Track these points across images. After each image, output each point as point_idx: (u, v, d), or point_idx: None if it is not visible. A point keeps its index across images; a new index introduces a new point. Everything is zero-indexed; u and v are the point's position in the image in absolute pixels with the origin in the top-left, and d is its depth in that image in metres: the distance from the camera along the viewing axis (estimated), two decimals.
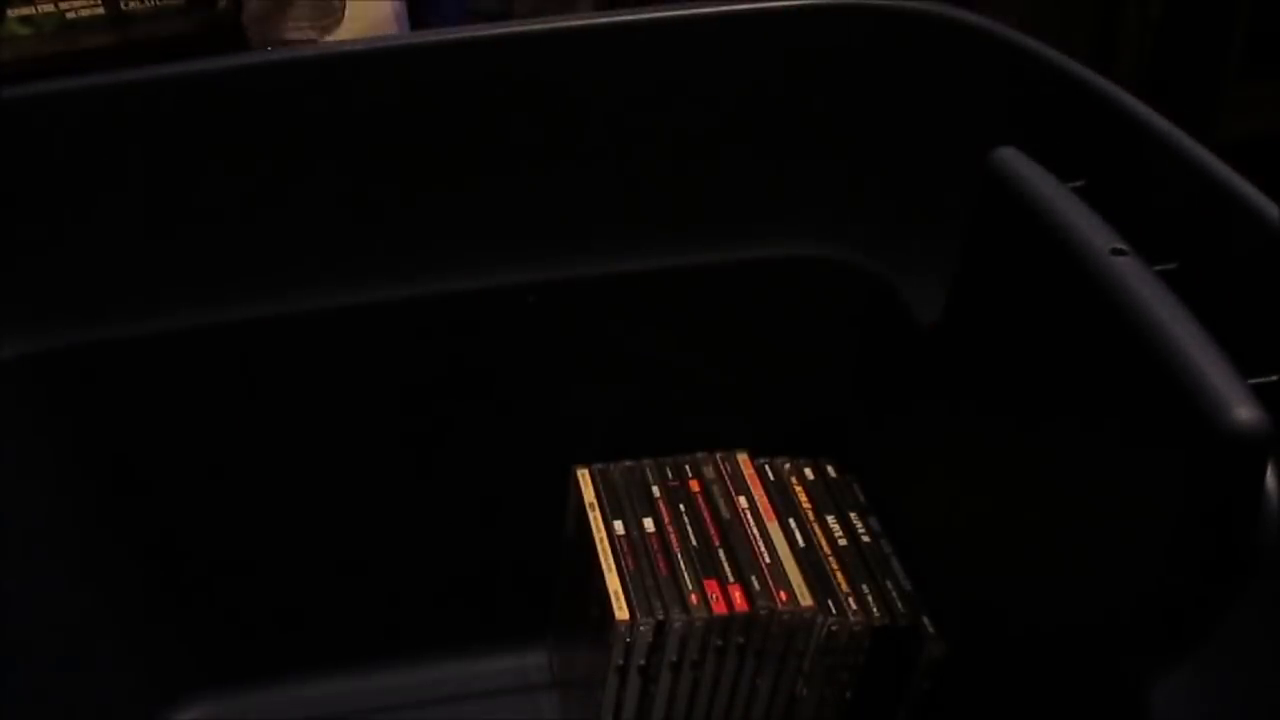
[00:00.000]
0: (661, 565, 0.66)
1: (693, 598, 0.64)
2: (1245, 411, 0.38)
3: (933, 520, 0.64)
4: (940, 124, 0.63)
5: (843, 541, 0.68)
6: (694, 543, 0.68)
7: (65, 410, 0.67)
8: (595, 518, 0.70)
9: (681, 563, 0.67)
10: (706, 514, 0.70)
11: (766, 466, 0.73)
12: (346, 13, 0.91)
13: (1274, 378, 0.40)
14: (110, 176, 0.61)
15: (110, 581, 0.71)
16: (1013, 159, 0.53)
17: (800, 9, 0.64)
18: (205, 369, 0.67)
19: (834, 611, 0.63)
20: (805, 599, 0.64)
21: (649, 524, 0.69)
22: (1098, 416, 0.45)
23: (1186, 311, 0.42)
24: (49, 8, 0.86)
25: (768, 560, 0.67)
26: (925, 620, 0.63)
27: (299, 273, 0.66)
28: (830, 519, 0.70)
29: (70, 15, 0.87)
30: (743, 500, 0.71)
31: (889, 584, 0.65)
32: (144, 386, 0.67)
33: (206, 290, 0.65)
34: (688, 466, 0.74)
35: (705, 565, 0.66)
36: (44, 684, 0.67)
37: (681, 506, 0.71)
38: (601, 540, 0.68)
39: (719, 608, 0.64)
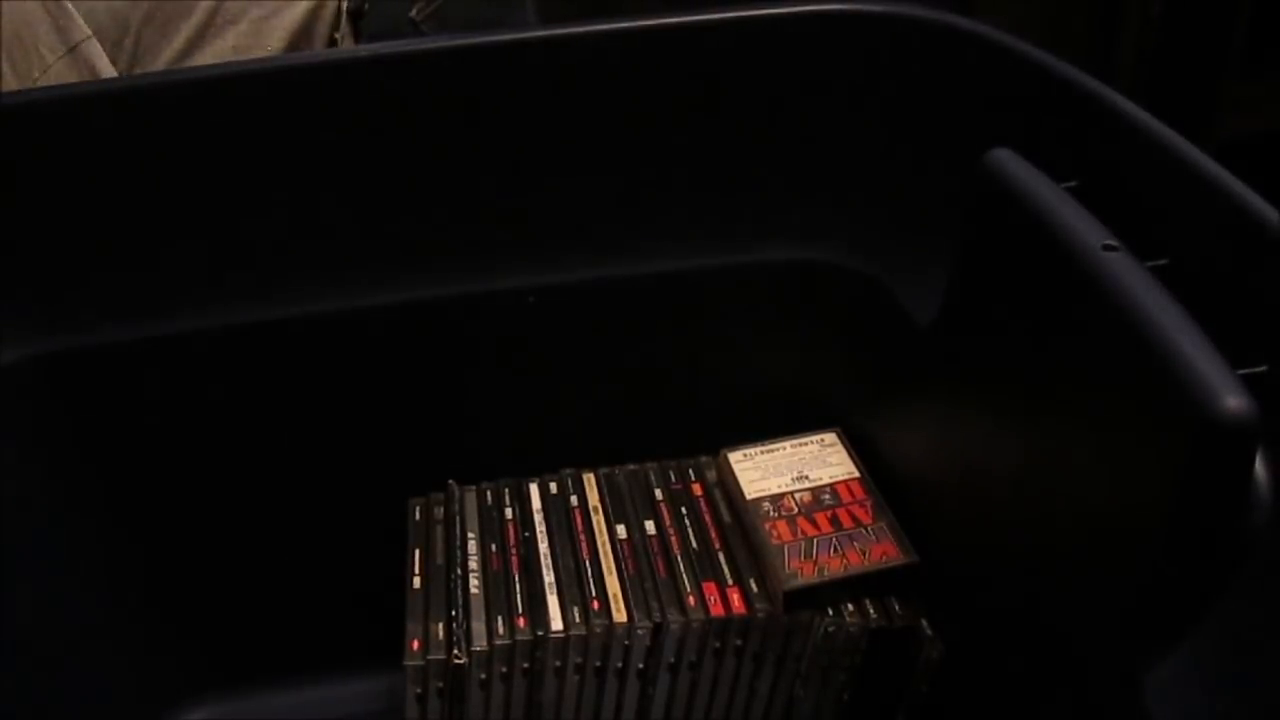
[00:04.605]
0: (660, 567, 0.67)
1: (690, 600, 0.64)
2: (1234, 400, 0.38)
3: (930, 515, 0.65)
4: (935, 127, 0.64)
5: None
6: (694, 545, 0.68)
7: (67, 413, 0.67)
8: (598, 521, 0.70)
9: (680, 565, 0.67)
10: (708, 517, 0.70)
11: None
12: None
13: (1262, 368, 0.41)
14: (111, 181, 0.62)
15: (112, 584, 0.71)
16: (1006, 160, 0.53)
17: (794, 16, 0.65)
18: (205, 372, 0.68)
19: (831, 613, 0.64)
20: None
21: (650, 526, 0.70)
22: (1091, 408, 0.46)
23: (1177, 305, 0.42)
24: None
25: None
26: (923, 622, 0.63)
27: (298, 277, 0.66)
28: None
29: None
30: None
31: None
32: (145, 389, 0.68)
33: (207, 294, 0.66)
34: (691, 470, 0.74)
35: (704, 567, 0.67)
36: (47, 687, 0.67)
37: (683, 509, 0.71)
38: (604, 544, 0.69)
39: (716, 610, 0.64)
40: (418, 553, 0.69)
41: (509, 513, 0.71)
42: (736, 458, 0.72)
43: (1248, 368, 0.40)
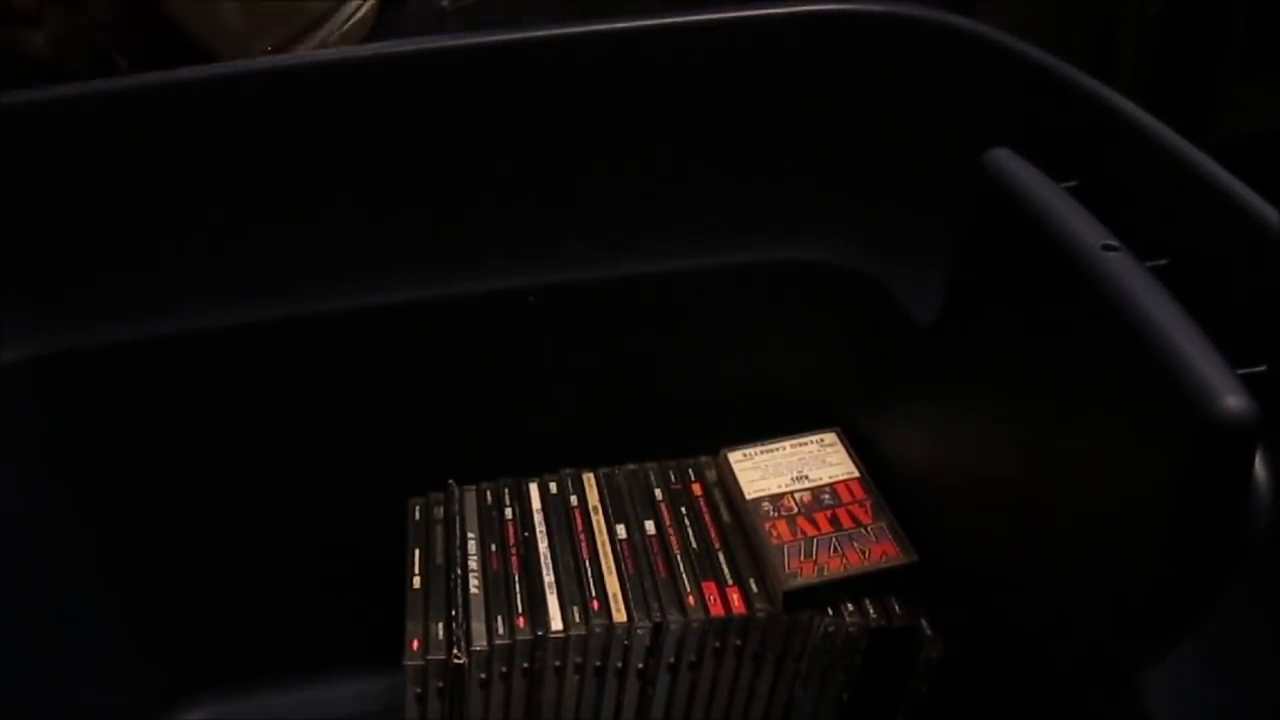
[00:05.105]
0: (660, 567, 0.67)
1: (690, 599, 0.64)
2: (1233, 400, 0.38)
3: (930, 515, 0.65)
4: (935, 127, 0.64)
5: None
6: (694, 545, 0.68)
7: (67, 413, 0.67)
8: (598, 521, 0.70)
9: (680, 565, 0.67)
10: (708, 516, 0.70)
11: None
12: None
13: (1262, 368, 0.41)
14: (111, 181, 0.62)
15: (113, 584, 0.71)
16: (1006, 160, 0.53)
17: (794, 16, 0.65)
18: (206, 372, 0.68)
19: (831, 613, 0.64)
20: None
21: (650, 526, 0.70)
22: (1091, 408, 0.46)
23: (1177, 305, 0.42)
24: None
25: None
26: (923, 622, 0.63)
27: (298, 277, 0.66)
28: None
29: None
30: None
31: None
32: (145, 390, 0.68)
33: (207, 294, 0.66)
34: (690, 469, 0.74)
35: (704, 567, 0.67)
36: (48, 687, 0.67)
37: (683, 509, 0.71)
38: (604, 544, 0.69)
39: (716, 610, 0.64)
40: (417, 553, 0.69)
41: (509, 513, 0.71)
42: (736, 458, 0.72)
43: (1248, 367, 0.40)
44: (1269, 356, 0.41)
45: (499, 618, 0.64)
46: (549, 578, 0.66)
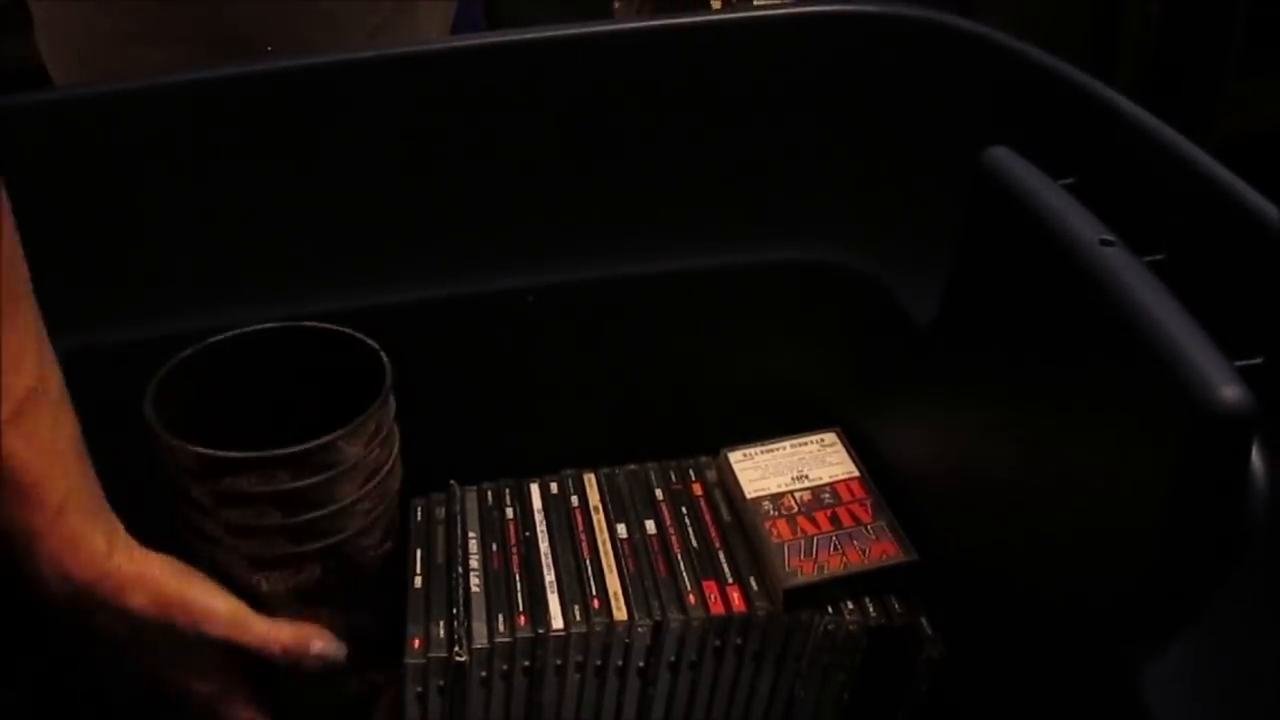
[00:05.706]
0: (661, 566, 0.67)
1: (690, 598, 0.64)
2: (1230, 391, 0.38)
3: (930, 513, 0.65)
4: (934, 126, 0.64)
5: None
6: (694, 544, 0.68)
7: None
8: (599, 520, 0.70)
9: (681, 564, 0.67)
10: (708, 516, 0.70)
11: None
12: None
13: (1259, 360, 0.41)
14: (109, 182, 0.62)
15: None
16: (1004, 158, 0.54)
17: (794, 16, 0.65)
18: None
19: (831, 612, 0.64)
20: None
21: (650, 526, 0.70)
22: (1089, 402, 0.46)
23: (1173, 298, 0.43)
24: None
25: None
26: (923, 621, 0.63)
27: (298, 277, 0.66)
28: None
29: None
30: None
31: None
32: (144, 390, 0.68)
33: (207, 295, 0.66)
34: (691, 469, 0.74)
35: (704, 566, 0.67)
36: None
37: (683, 509, 0.71)
38: (604, 543, 0.69)
39: (717, 608, 0.64)
40: (419, 553, 0.69)
41: (509, 512, 0.71)
42: (736, 457, 0.72)
43: (1244, 359, 0.40)
44: (1266, 348, 0.42)
45: (500, 616, 0.64)
46: (550, 576, 0.66)
